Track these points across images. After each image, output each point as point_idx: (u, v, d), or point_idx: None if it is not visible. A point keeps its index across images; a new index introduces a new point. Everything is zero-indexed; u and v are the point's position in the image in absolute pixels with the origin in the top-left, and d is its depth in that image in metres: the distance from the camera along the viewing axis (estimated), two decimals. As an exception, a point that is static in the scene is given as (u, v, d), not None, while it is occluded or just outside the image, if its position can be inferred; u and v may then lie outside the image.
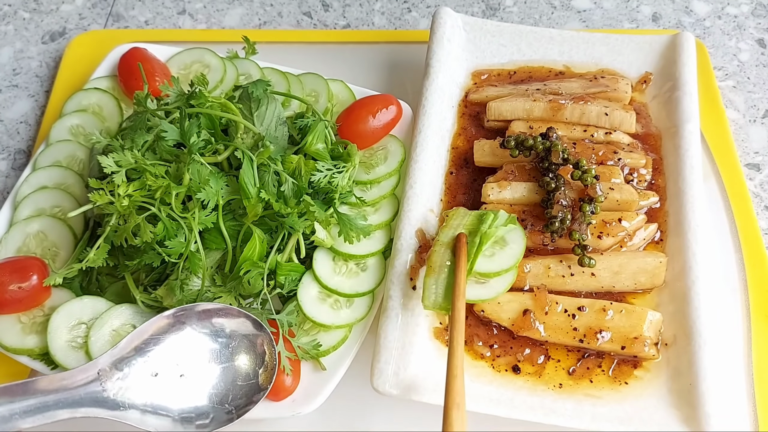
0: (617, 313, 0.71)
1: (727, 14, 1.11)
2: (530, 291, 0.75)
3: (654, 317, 0.71)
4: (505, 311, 0.73)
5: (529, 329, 0.71)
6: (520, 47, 0.95)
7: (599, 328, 0.70)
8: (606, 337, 0.70)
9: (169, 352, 0.66)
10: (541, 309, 0.72)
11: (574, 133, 0.85)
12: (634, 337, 0.69)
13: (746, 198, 0.88)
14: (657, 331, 0.71)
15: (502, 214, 0.74)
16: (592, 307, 0.71)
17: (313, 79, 0.94)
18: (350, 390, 0.75)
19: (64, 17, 1.15)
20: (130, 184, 0.72)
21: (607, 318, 0.70)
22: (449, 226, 0.75)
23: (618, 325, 0.71)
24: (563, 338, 0.72)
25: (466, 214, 0.75)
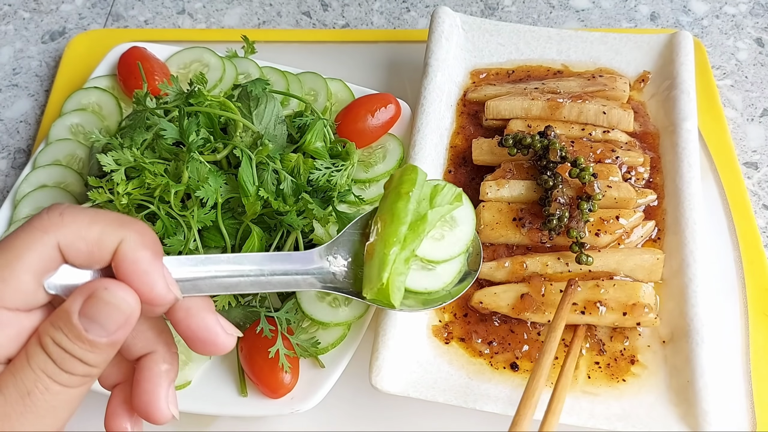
0: (610, 288, 0.72)
1: (725, 13, 1.12)
2: (523, 281, 0.75)
3: (648, 288, 0.73)
4: (503, 299, 0.73)
5: (530, 309, 0.72)
6: (519, 46, 0.96)
7: (597, 300, 0.71)
8: (606, 307, 0.71)
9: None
10: (538, 292, 0.73)
11: (572, 132, 0.85)
12: (633, 304, 0.71)
13: (744, 196, 0.89)
14: (653, 298, 0.73)
15: (447, 189, 0.64)
16: (585, 286, 0.72)
17: (312, 78, 0.94)
18: (349, 387, 0.75)
19: (63, 17, 1.15)
20: (129, 183, 0.72)
21: (602, 292, 0.72)
22: (384, 195, 0.64)
23: (614, 297, 0.72)
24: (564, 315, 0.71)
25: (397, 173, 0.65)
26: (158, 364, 0.44)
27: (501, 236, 0.78)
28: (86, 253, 0.40)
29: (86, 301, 0.39)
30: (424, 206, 0.61)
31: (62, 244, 0.39)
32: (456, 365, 0.73)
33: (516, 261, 0.76)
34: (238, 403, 0.71)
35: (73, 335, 0.39)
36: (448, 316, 0.77)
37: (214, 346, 0.44)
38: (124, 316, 0.39)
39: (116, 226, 0.40)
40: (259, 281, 0.51)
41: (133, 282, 0.40)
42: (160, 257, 0.42)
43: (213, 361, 0.75)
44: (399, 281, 0.58)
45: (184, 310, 0.43)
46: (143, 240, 0.41)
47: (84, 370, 0.40)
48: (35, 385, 0.38)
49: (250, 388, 0.73)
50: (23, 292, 0.39)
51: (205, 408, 0.71)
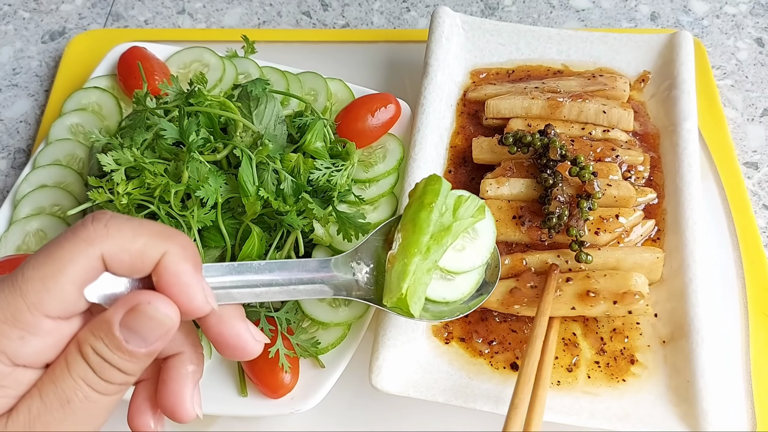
0: (602, 278, 0.70)
1: (725, 13, 1.12)
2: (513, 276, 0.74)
3: (640, 278, 0.71)
4: (492, 294, 0.70)
5: (520, 303, 0.69)
6: (519, 46, 0.96)
7: (587, 290, 0.70)
8: (597, 296, 0.70)
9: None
10: (527, 286, 0.72)
11: (572, 131, 0.85)
12: (624, 293, 0.69)
13: (744, 196, 0.89)
14: (645, 287, 0.71)
15: (471, 201, 0.64)
16: (576, 277, 0.71)
17: (312, 77, 0.94)
18: (349, 387, 0.75)
19: (63, 17, 1.15)
20: (129, 183, 0.72)
21: (592, 282, 0.70)
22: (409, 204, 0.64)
23: (605, 287, 0.70)
24: (555, 308, 0.71)
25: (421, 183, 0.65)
26: (185, 365, 0.45)
27: (501, 234, 0.78)
28: (129, 264, 0.41)
29: (128, 312, 0.40)
30: (447, 217, 0.62)
31: (106, 256, 0.40)
32: (456, 365, 0.73)
33: (516, 258, 0.76)
34: (238, 403, 0.71)
35: (113, 345, 0.40)
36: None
37: (243, 352, 0.45)
38: (165, 329, 0.41)
39: (160, 239, 0.41)
40: (287, 290, 0.53)
41: (174, 294, 0.41)
42: (200, 270, 0.43)
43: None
44: (419, 291, 0.59)
45: (217, 317, 0.45)
46: (185, 253, 0.42)
47: (121, 378, 0.41)
48: (75, 393, 0.39)
49: (250, 388, 0.73)
50: (65, 301, 0.39)
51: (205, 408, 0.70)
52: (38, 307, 0.39)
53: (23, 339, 0.39)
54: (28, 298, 0.38)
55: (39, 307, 0.39)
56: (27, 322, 0.38)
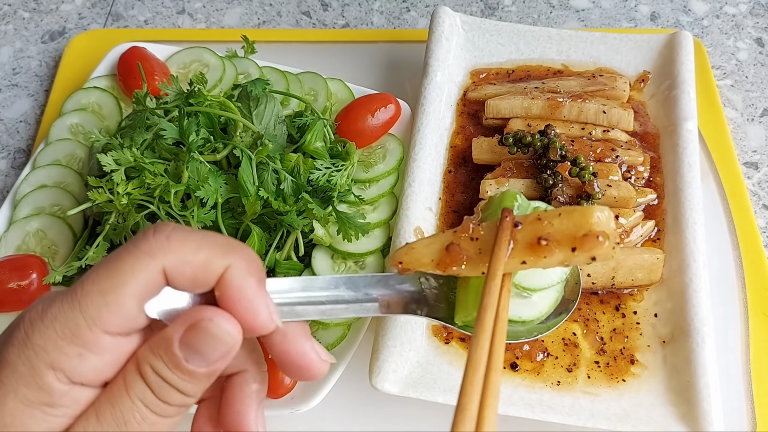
0: (555, 218, 0.53)
1: (725, 13, 1.12)
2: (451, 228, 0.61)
3: (602, 214, 0.53)
4: (425, 254, 0.55)
5: (458, 262, 0.54)
6: (519, 46, 0.96)
7: (538, 237, 0.53)
8: (551, 240, 0.52)
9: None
10: (468, 240, 0.55)
11: (572, 131, 0.85)
12: (583, 235, 0.52)
13: (744, 196, 0.89)
14: (609, 224, 0.53)
15: (544, 206, 0.59)
16: (525, 221, 0.54)
17: (312, 78, 0.94)
18: (349, 387, 0.75)
19: (63, 17, 1.15)
20: (129, 183, 0.72)
21: (544, 225, 0.53)
22: (484, 212, 0.61)
23: (560, 229, 0.53)
24: (503, 261, 0.53)
25: (497, 197, 0.60)
26: (249, 384, 0.44)
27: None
28: (191, 278, 0.39)
29: (188, 330, 0.38)
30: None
31: (168, 269, 0.38)
32: (456, 365, 0.73)
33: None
34: (238, 403, 0.71)
35: (173, 364, 0.38)
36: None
37: (308, 372, 0.43)
38: (227, 347, 0.39)
39: (223, 252, 0.39)
40: (354, 307, 0.50)
41: (237, 311, 0.39)
42: (264, 285, 0.41)
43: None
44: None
45: (281, 335, 0.43)
46: (249, 267, 0.40)
47: (181, 400, 0.39)
48: (132, 414, 0.38)
49: (250, 388, 0.72)
50: (125, 317, 0.38)
51: (205, 408, 0.71)
52: (97, 323, 0.37)
53: (81, 356, 0.37)
54: (87, 312, 0.37)
55: (98, 322, 0.37)
56: (86, 338, 0.37)
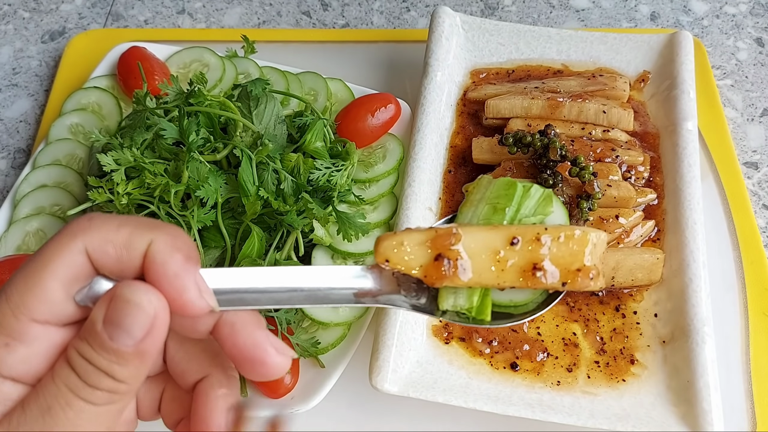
0: (555, 241, 0.50)
1: (725, 13, 1.12)
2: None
3: (598, 237, 0.51)
4: (415, 257, 0.49)
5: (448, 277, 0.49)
6: (519, 46, 0.96)
7: (534, 263, 0.49)
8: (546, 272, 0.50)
9: None
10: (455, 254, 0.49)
11: (572, 131, 0.85)
12: (577, 269, 0.50)
13: (744, 196, 0.89)
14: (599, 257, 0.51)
15: (534, 190, 0.54)
16: (524, 237, 0.49)
17: (312, 77, 0.94)
18: (349, 387, 0.75)
19: (63, 17, 1.15)
20: (129, 183, 0.72)
21: (542, 250, 0.50)
22: (469, 202, 0.56)
23: (557, 256, 0.50)
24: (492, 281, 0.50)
25: (490, 184, 0.56)
26: (214, 389, 0.41)
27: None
28: (115, 257, 0.37)
29: (109, 306, 0.36)
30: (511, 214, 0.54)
31: (90, 249, 0.37)
32: (456, 365, 0.73)
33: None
34: (238, 403, 0.71)
35: (98, 344, 0.36)
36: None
37: (263, 366, 0.39)
38: (148, 317, 0.36)
39: (146, 228, 0.38)
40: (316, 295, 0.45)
41: (162, 286, 0.37)
42: (194, 262, 0.38)
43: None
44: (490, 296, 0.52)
45: (229, 326, 0.39)
46: (174, 242, 0.38)
47: (110, 384, 0.36)
48: (56, 399, 0.35)
49: (250, 388, 0.73)
50: (51, 302, 0.36)
51: (205, 408, 0.71)
52: (22, 310, 0.35)
53: (8, 346, 0.35)
54: (12, 300, 0.35)
55: (23, 309, 0.35)
56: (11, 327, 0.35)
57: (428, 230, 0.50)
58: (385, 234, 0.49)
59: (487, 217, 0.54)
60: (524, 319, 0.54)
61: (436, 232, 0.49)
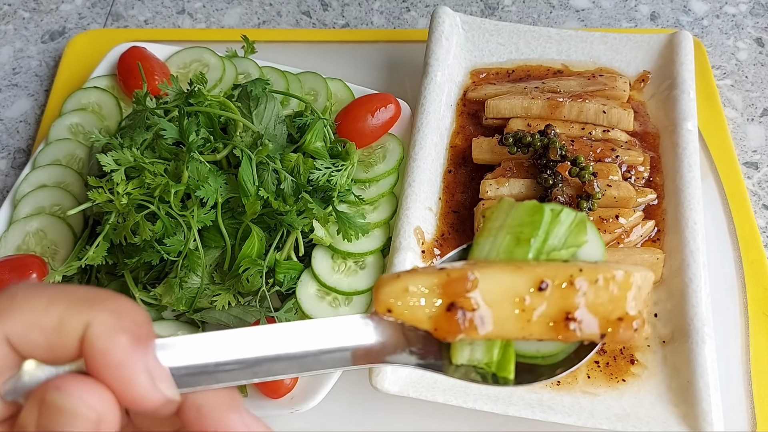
0: (591, 285, 0.41)
1: (725, 13, 1.12)
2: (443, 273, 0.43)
3: (643, 279, 0.42)
4: (423, 306, 0.41)
5: (464, 331, 0.41)
6: (519, 46, 0.96)
7: (567, 312, 0.41)
8: (582, 323, 0.41)
9: None
10: (470, 303, 0.41)
11: (572, 131, 0.85)
12: (618, 318, 0.41)
13: (744, 196, 0.89)
14: (644, 300, 0.43)
15: (565, 215, 0.44)
16: (554, 280, 0.41)
17: (312, 77, 0.94)
18: (349, 387, 0.75)
19: (63, 17, 1.15)
20: (129, 183, 0.72)
21: (577, 297, 0.41)
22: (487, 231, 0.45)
23: (594, 303, 0.41)
24: (516, 333, 0.42)
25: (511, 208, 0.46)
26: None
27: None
28: (45, 345, 0.31)
29: (40, 411, 0.30)
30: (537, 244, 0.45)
31: (12, 337, 0.30)
32: (456, 365, 0.73)
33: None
34: (238, 403, 0.71)
35: None
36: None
37: None
38: (89, 423, 0.29)
39: (82, 306, 0.31)
40: (304, 363, 0.38)
41: (105, 377, 0.30)
42: (143, 342, 0.32)
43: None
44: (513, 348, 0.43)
45: (195, 410, 0.33)
46: (118, 322, 0.31)
47: None
48: None
49: (249, 388, 0.73)
50: None
51: (205, 408, 0.71)
52: None
53: None
54: None
55: None
56: None
57: (439, 272, 0.41)
58: (386, 276, 0.41)
59: (508, 250, 0.44)
60: (555, 376, 0.44)
61: (448, 276, 0.40)
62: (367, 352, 0.40)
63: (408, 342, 0.41)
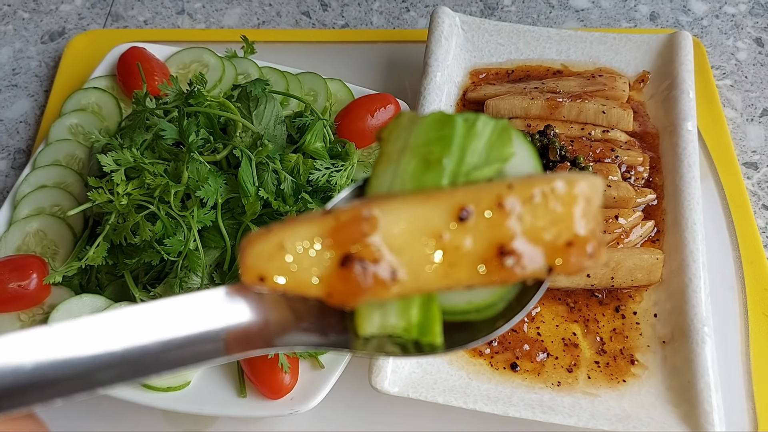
0: (526, 204, 0.32)
1: (724, 13, 1.12)
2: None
3: (591, 187, 0.34)
4: (307, 266, 0.30)
5: (367, 291, 0.30)
6: (518, 46, 0.96)
7: (500, 246, 0.31)
8: (521, 256, 0.31)
9: None
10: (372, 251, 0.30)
11: (571, 131, 0.85)
12: (567, 243, 0.32)
13: (744, 196, 0.89)
14: (596, 215, 0.34)
15: (483, 123, 0.35)
16: (477, 204, 0.31)
17: (312, 78, 0.94)
18: (348, 388, 0.75)
19: (63, 17, 1.15)
20: (129, 183, 0.72)
21: (509, 221, 0.31)
22: (386, 157, 0.35)
23: (533, 227, 0.32)
24: (439, 283, 0.31)
25: (413, 124, 0.36)
26: None
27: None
28: None
29: None
30: (451, 165, 0.35)
31: None
32: (456, 365, 0.73)
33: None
34: (237, 404, 0.71)
35: None
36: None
37: None
38: None
39: None
40: (144, 364, 0.27)
41: None
42: None
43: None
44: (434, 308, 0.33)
45: None
46: None
47: None
48: None
49: (249, 389, 0.72)
50: None
51: (204, 409, 0.71)
52: None
53: None
54: None
55: None
56: None
57: (324, 217, 0.30)
58: (253, 234, 0.30)
59: (416, 177, 0.34)
60: (495, 331, 0.34)
61: (336, 220, 0.30)
62: (243, 336, 0.29)
63: (297, 317, 0.31)
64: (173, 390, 0.71)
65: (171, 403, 0.70)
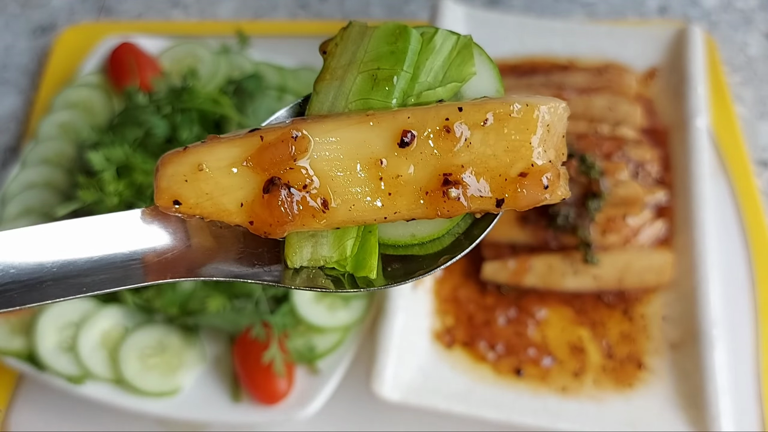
0: (477, 129, 0.29)
1: (734, 8, 1.09)
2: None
3: (552, 112, 0.30)
4: (229, 190, 0.27)
5: (292, 220, 0.28)
6: (523, 39, 0.93)
7: (444, 174, 0.29)
8: (467, 187, 0.29)
9: None
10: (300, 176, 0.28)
11: (578, 128, 0.82)
12: (520, 174, 0.29)
13: (754, 195, 0.86)
14: (557, 144, 0.31)
15: (441, 38, 0.33)
16: (422, 128, 0.29)
17: (309, 73, 0.91)
18: (347, 394, 0.72)
19: (55, 11, 1.12)
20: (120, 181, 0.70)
21: (457, 147, 0.29)
22: (330, 73, 0.31)
23: (483, 155, 0.29)
24: (376, 214, 0.29)
25: (363, 35, 0.32)
26: None
27: (505, 235, 0.76)
28: None
29: None
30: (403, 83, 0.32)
31: None
32: (458, 370, 0.70)
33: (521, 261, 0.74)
34: (231, 411, 0.69)
35: None
36: (451, 319, 0.74)
37: None
38: None
39: None
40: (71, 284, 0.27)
41: None
42: None
43: (206, 366, 0.72)
44: (372, 239, 0.31)
45: None
46: None
47: None
48: None
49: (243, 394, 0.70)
50: None
51: (197, 415, 0.69)
52: None
53: None
54: None
55: None
56: None
57: (248, 137, 0.27)
58: (168, 153, 0.27)
59: (362, 95, 0.30)
60: (438, 266, 0.31)
61: (261, 140, 0.27)
62: (162, 261, 0.26)
63: (224, 246, 0.28)
64: (166, 396, 0.69)
65: (165, 410, 0.68)
